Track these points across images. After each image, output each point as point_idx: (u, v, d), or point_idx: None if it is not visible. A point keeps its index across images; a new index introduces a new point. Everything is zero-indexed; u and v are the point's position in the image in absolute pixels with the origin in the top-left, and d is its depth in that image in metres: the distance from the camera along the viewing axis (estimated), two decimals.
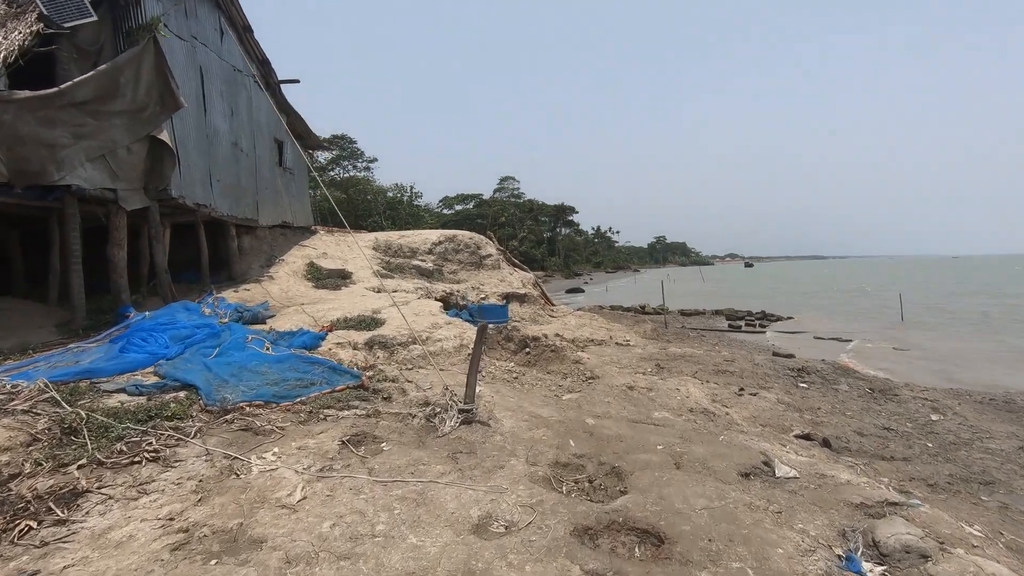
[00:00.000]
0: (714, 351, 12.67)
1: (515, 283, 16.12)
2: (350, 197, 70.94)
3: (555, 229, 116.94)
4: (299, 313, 8.97)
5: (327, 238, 15.51)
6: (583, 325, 15.34)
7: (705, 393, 7.86)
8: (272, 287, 11.14)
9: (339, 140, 69.88)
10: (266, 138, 13.19)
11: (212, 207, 10.32)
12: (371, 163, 75.13)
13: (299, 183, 15.56)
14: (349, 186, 70.66)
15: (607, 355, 11.06)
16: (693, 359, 11.20)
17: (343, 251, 14.59)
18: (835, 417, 7.82)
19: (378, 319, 8.59)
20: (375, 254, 14.85)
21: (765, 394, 8.46)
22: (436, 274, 15.16)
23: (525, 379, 7.14)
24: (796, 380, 10.19)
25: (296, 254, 13.29)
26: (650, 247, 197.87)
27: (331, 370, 5.87)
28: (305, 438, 4.53)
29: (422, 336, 7.80)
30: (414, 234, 16.55)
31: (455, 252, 16.16)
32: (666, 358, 11.24)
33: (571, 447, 4.89)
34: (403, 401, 5.53)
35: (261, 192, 12.70)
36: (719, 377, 9.74)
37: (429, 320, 8.64)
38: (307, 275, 12.30)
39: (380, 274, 13.49)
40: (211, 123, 10.43)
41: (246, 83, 12.16)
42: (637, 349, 12.21)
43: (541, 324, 14.82)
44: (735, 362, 11.19)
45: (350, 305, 9.56)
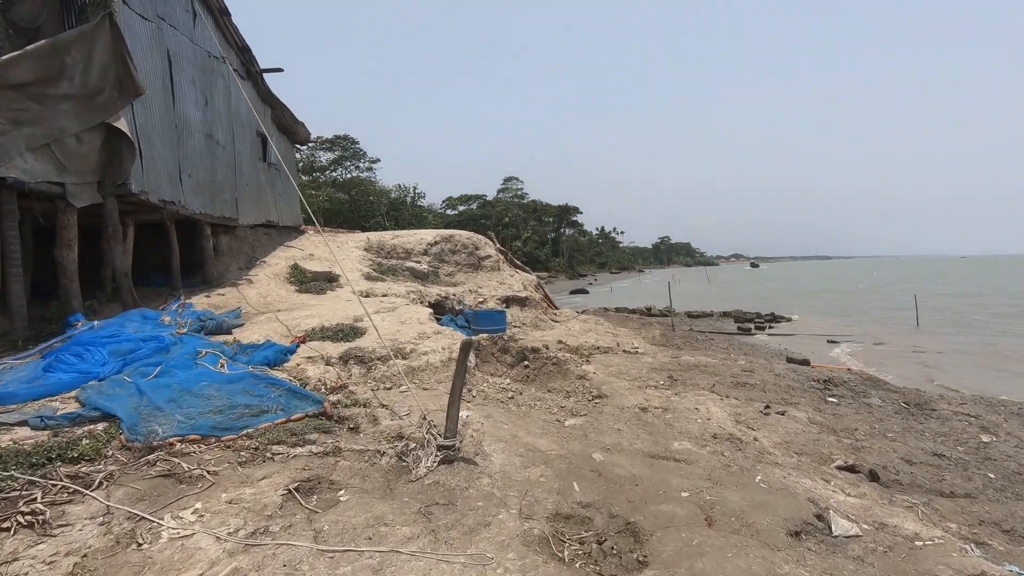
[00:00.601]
0: (730, 360, 11.71)
1: (515, 286, 15.18)
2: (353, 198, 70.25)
3: (559, 230, 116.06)
4: (272, 321, 8.07)
5: (315, 238, 14.62)
6: (588, 331, 14.39)
7: (727, 413, 6.91)
8: (250, 291, 10.24)
9: (341, 140, 69.15)
10: (247, 131, 12.30)
11: (182, 204, 9.42)
12: (373, 163, 74.43)
13: (286, 180, 14.67)
14: (352, 187, 69.94)
15: (615, 366, 10.11)
16: (709, 369, 10.24)
17: (332, 252, 13.68)
18: (876, 440, 6.86)
19: (359, 328, 7.67)
20: (366, 255, 13.95)
21: (793, 412, 7.51)
22: (431, 276, 14.25)
23: (522, 399, 6.21)
24: (824, 394, 9.22)
25: (280, 255, 12.39)
26: (654, 247, 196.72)
27: (290, 393, 4.95)
28: (242, 486, 3.61)
29: (405, 348, 6.88)
30: (409, 234, 15.64)
31: (452, 253, 15.25)
32: (679, 368, 10.28)
33: (575, 492, 3.96)
34: (373, 433, 4.60)
35: (241, 189, 11.81)
36: (739, 391, 8.78)
37: (416, 329, 7.71)
38: (290, 278, 11.40)
39: (370, 277, 12.59)
40: (181, 112, 9.55)
41: (224, 71, 11.27)
42: (647, 358, 11.25)
43: (543, 330, 13.88)
44: (754, 373, 10.23)
45: (332, 312, 8.65)
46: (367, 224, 61.18)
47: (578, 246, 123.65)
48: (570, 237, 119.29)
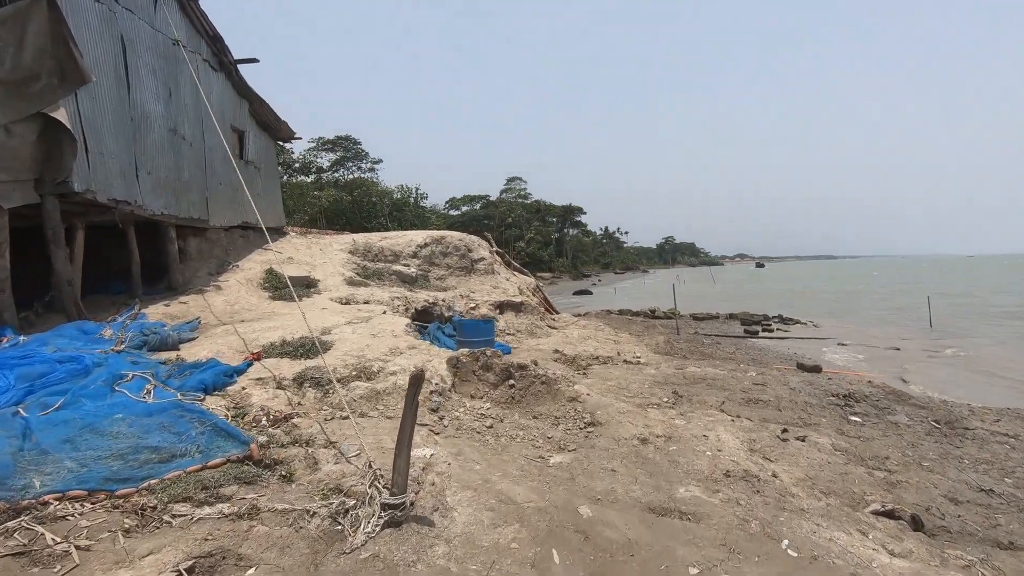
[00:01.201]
0: (739, 371, 10.80)
1: (510, 290, 14.32)
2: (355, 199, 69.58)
3: (562, 230, 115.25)
4: (230, 334, 7.23)
5: (298, 240, 13.79)
6: (587, 338, 13.52)
7: (740, 440, 6.04)
8: (216, 299, 9.42)
9: (343, 141, 68.49)
10: (220, 126, 11.45)
11: (138, 204, 8.61)
12: (376, 164, 73.77)
13: (267, 179, 13.86)
14: (354, 187, 69.28)
15: (614, 379, 9.24)
16: (717, 383, 9.35)
17: (314, 255, 12.87)
18: (913, 472, 5.97)
19: (325, 342, 6.83)
20: (351, 259, 13.11)
21: (815, 436, 6.63)
22: (420, 280, 13.40)
23: (503, 428, 5.35)
24: (845, 411, 8.32)
25: (256, 259, 11.57)
26: (659, 247, 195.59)
27: (214, 431, 4.10)
28: (116, 568, 2.76)
29: (372, 367, 6.03)
30: (398, 235, 14.80)
31: (443, 256, 14.40)
32: (684, 382, 9.41)
33: (554, 566, 3.10)
34: (308, 483, 3.75)
35: (213, 188, 11.00)
36: (752, 410, 7.89)
37: (388, 344, 6.86)
38: (263, 284, 10.58)
39: (353, 281, 11.76)
40: (138, 104, 8.74)
41: (192, 61, 10.46)
42: (649, 369, 10.38)
43: (539, 337, 13.02)
44: (767, 387, 9.33)
45: (299, 323, 7.81)
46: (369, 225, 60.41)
47: (582, 246, 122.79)
48: (574, 237, 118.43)
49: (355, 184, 69.61)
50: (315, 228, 34.84)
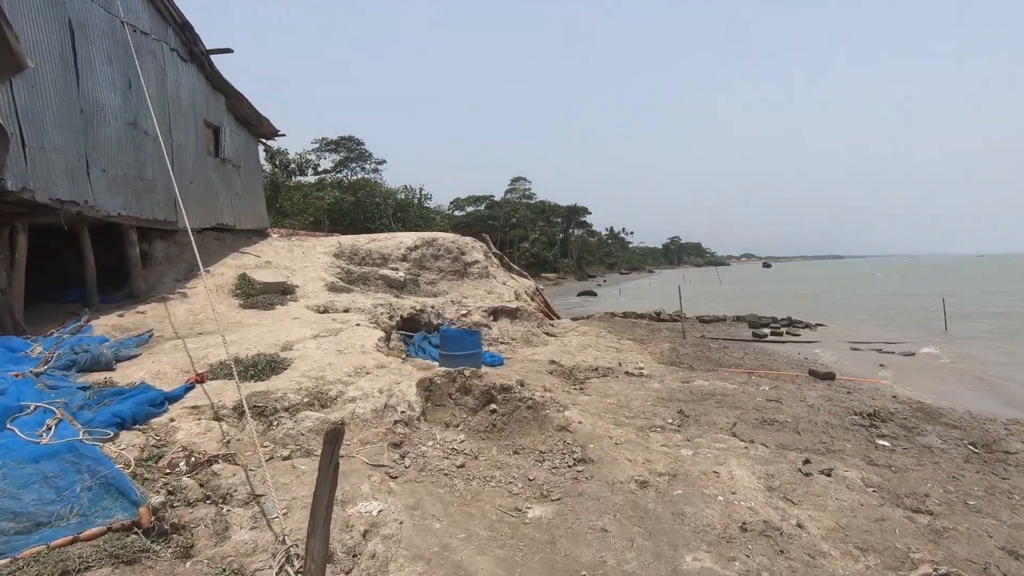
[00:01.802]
0: (751, 384, 9.93)
1: (506, 295, 13.49)
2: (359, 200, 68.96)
3: (567, 230, 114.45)
4: (179, 350, 6.43)
5: (279, 243, 13.01)
6: (587, 346, 12.68)
7: (757, 475, 5.19)
8: (179, 308, 8.63)
9: (346, 142, 67.90)
10: (191, 121, 10.70)
11: (89, 204, 7.83)
12: (379, 165, 73.20)
13: (247, 178, 13.08)
14: (358, 188, 68.66)
15: (613, 395, 8.40)
16: (727, 400, 8.49)
17: (295, 259, 12.07)
18: (959, 516, 5.10)
19: (282, 360, 6.02)
20: (335, 262, 12.31)
21: (841, 468, 5.77)
22: (409, 285, 12.59)
23: (476, 468, 4.52)
24: (871, 433, 7.44)
25: (230, 264, 10.78)
26: (665, 247, 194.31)
27: (104, 485, 3.29)
28: None
29: (330, 392, 5.21)
30: (387, 237, 13.99)
31: (434, 259, 13.57)
32: (691, 398, 8.55)
33: None
34: (208, 560, 2.93)
35: (182, 187, 10.19)
36: (767, 433, 7.04)
37: (354, 361, 6.04)
38: (235, 291, 9.79)
39: (334, 287, 10.96)
40: (89, 95, 7.95)
41: (157, 51, 9.68)
42: (653, 383, 9.52)
43: (535, 346, 12.19)
44: (783, 404, 8.47)
45: (260, 337, 7.00)
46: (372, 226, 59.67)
47: (587, 247, 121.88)
48: (579, 238, 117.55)
49: (359, 185, 69.06)
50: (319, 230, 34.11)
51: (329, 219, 61.06)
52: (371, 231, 37.14)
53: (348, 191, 69.09)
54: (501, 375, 7.91)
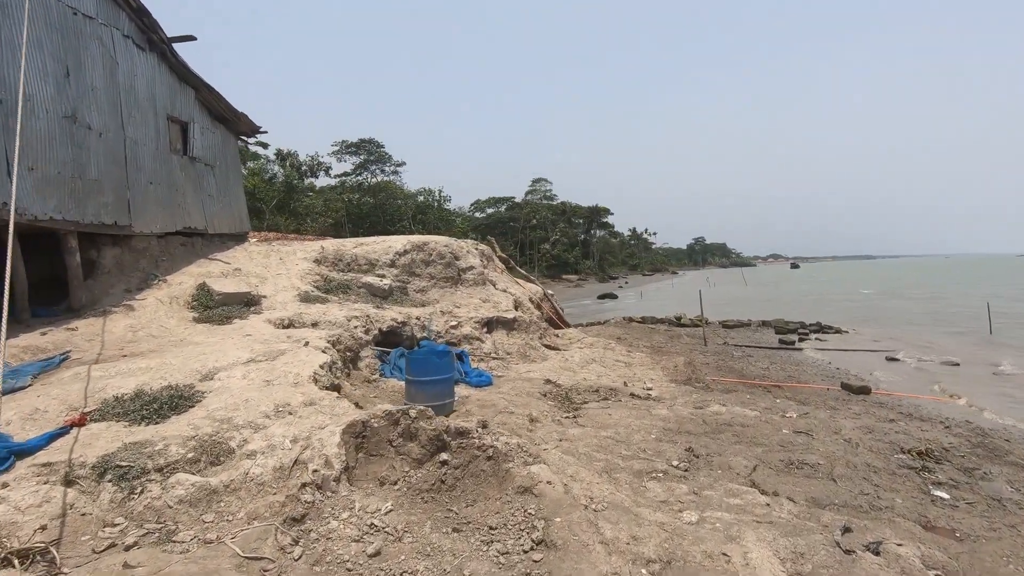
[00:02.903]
0: (775, 410, 8.58)
1: (503, 304, 12.31)
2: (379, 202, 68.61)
3: (589, 231, 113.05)
4: (79, 380, 5.39)
5: (256, 248, 12.02)
6: (591, 360, 11.43)
7: (782, 558, 3.93)
8: (118, 324, 7.65)
9: (366, 144, 67.61)
10: (150, 116, 9.76)
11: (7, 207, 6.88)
12: (399, 167, 72.83)
13: (223, 178, 12.13)
14: (378, 191, 68.32)
15: (611, 426, 7.14)
16: (747, 432, 7.18)
17: (269, 266, 11.07)
18: None
19: (193, 395, 4.94)
20: (314, 268, 11.28)
21: (892, 541, 4.46)
22: (396, 293, 11.49)
23: (395, 557, 3.34)
24: (924, 479, 6.08)
25: (192, 272, 9.80)
26: (689, 248, 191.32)
27: None
28: None
29: (230, 441, 4.10)
30: (375, 241, 12.91)
31: (425, 264, 12.46)
32: (704, 429, 7.26)
33: None
34: None
35: (138, 188, 9.27)
36: (795, 480, 5.74)
37: (280, 397, 4.93)
38: (191, 302, 8.79)
39: (308, 297, 9.91)
40: (10, 83, 7.01)
41: (106, 37, 8.74)
42: (661, 408, 8.24)
43: (532, 361, 10.99)
44: (814, 438, 7.12)
45: (183, 362, 5.94)
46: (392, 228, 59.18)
47: (609, 248, 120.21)
48: (601, 239, 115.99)
49: (379, 187, 68.71)
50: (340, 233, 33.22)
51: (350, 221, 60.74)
52: (389, 234, 36.33)
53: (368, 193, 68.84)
54: (485, 399, 6.75)
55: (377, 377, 8.26)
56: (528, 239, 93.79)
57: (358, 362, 8.14)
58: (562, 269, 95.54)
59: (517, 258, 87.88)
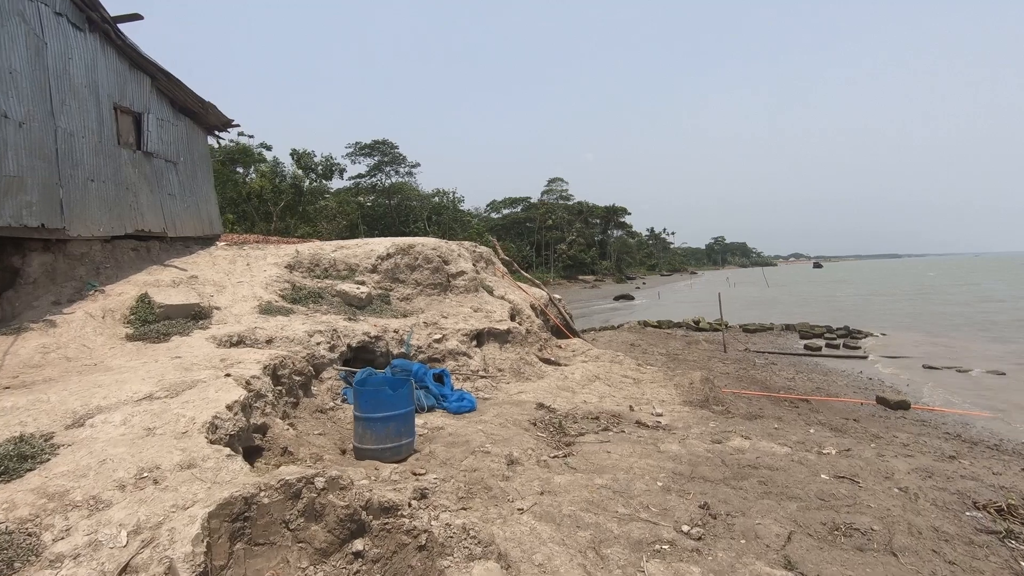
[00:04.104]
0: (809, 446, 7.15)
1: (497, 313, 11.03)
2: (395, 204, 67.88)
3: (606, 231, 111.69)
4: None
5: (223, 253, 10.88)
6: (595, 377, 10.10)
7: None
8: (29, 343, 6.52)
9: (380, 145, 66.98)
10: (91, 104, 8.66)
11: None
12: (413, 168, 72.16)
13: (189, 177, 11.03)
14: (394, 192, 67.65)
15: (608, 471, 5.81)
16: (776, 478, 5.80)
17: (233, 272, 9.92)
18: None
19: (41, 451, 3.75)
20: (284, 275, 10.10)
21: None
22: (376, 302, 10.28)
23: None
24: (1011, 552, 4.69)
25: (138, 281, 8.68)
26: (708, 248, 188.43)
27: None
28: None
29: (43, 536, 2.88)
30: (356, 244, 11.71)
31: (410, 269, 11.22)
32: (723, 475, 5.89)
33: None
34: None
35: (75, 186, 8.17)
36: (843, 556, 4.38)
37: (150, 456, 3.70)
38: (129, 317, 7.65)
39: (270, 308, 8.73)
40: None
41: (29, 14, 7.65)
42: (671, 443, 6.87)
43: (525, 379, 9.70)
44: (860, 486, 5.72)
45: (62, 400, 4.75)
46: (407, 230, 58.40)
47: (626, 248, 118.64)
48: (618, 239, 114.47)
49: (394, 189, 68.05)
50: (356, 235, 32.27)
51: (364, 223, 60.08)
52: (405, 235, 35.31)
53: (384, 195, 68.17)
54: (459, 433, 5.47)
55: (336, 404, 7.04)
56: (544, 239, 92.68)
57: (310, 388, 6.92)
58: (579, 269, 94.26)
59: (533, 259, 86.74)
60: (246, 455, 4.70)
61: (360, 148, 66.08)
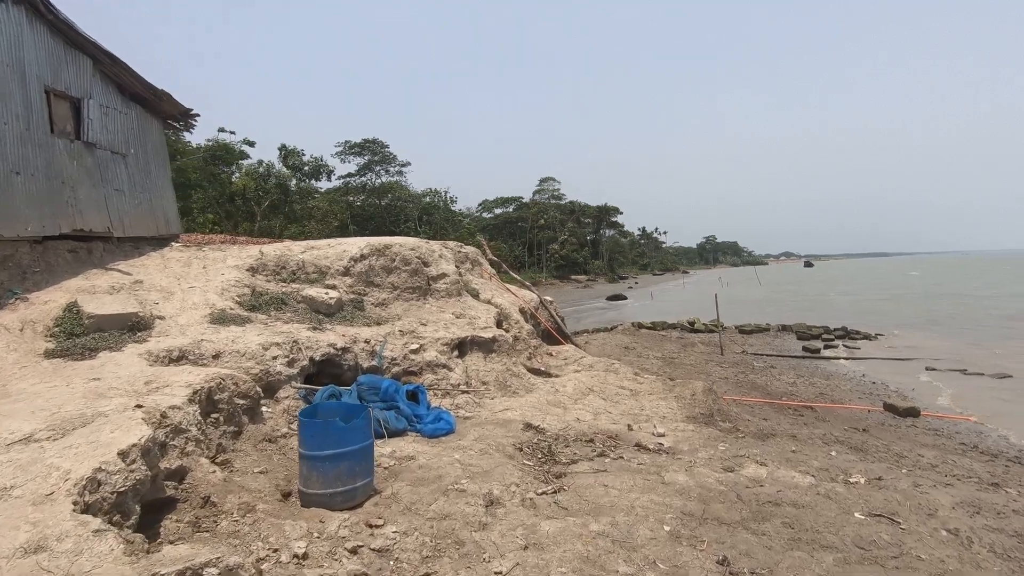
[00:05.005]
0: (834, 473, 6.23)
1: (482, 319, 10.09)
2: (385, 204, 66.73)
3: (598, 231, 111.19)
4: None
5: (177, 255, 9.85)
6: (589, 390, 9.17)
7: None
8: None
9: (370, 144, 65.83)
10: (14, 87, 7.59)
11: None
12: (403, 167, 71.07)
13: (140, 171, 10.00)
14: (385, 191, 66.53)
15: (605, 513, 4.87)
16: (803, 519, 4.89)
17: (186, 276, 8.91)
18: None
19: None
20: (244, 279, 9.10)
21: None
22: (348, 308, 9.31)
23: None
24: None
25: (71, 287, 7.65)
26: (700, 247, 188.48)
27: None
28: None
29: None
30: (328, 245, 10.71)
31: (386, 272, 10.25)
32: (740, 516, 4.97)
33: None
34: None
35: None
36: None
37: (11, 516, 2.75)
38: (52, 329, 6.64)
39: (224, 317, 7.74)
40: None
41: None
42: (676, 472, 5.94)
43: (513, 393, 8.76)
44: (904, 529, 4.82)
45: None
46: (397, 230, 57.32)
47: (619, 247, 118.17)
48: (610, 238, 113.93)
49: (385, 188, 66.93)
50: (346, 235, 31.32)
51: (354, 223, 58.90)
52: (396, 235, 34.32)
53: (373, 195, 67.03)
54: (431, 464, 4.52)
55: (291, 430, 6.07)
56: (537, 239, 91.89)
57: (259, 412, 5.94)
58: (571, 269, 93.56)
59: (525, 259, 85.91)
60: (152, 511, 3.74)
61: (350, 147, 64.93)
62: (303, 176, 51.40)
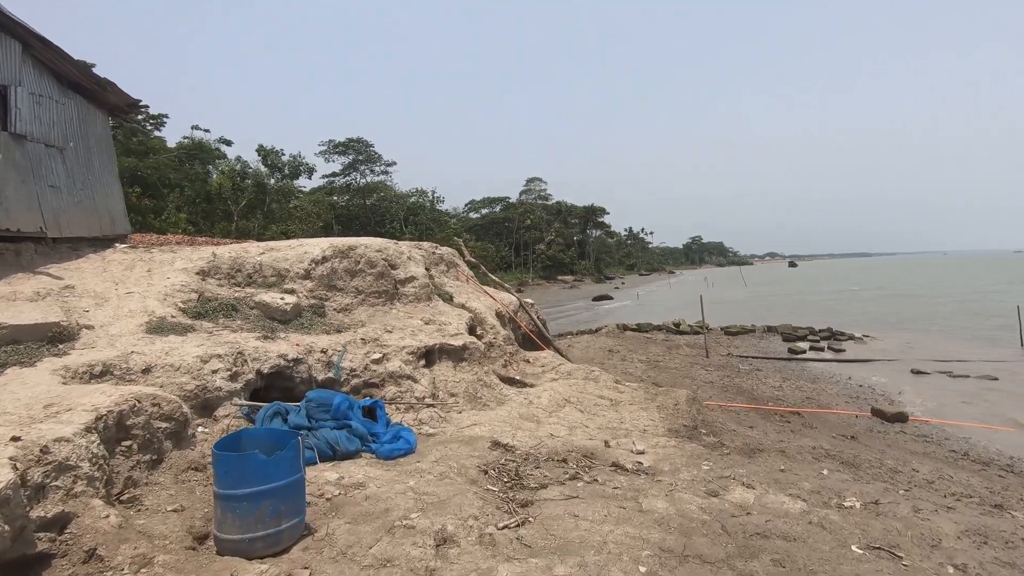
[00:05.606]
0: (828, 497, 5.68)
1: (452, 326, 9.46)
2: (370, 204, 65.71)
3: (585, 231, 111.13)
4: None
5: (120, 257, 9.11)
6: (565, 401, 8.58)
7: None
8: None
9: (355, 144, 64.84)
10: None
11: None
12: (389, 167, 70.17)
13: (81, 166, 9.24)
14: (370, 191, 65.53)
15: (574, 554, 4.24)
16: (795, 557, 4.33)
17: (127, 280, 8.19)
18: None
19: None
20: (192, 283, 8.39)
21: None
22: (308, 314, 8.63)
23: None
24: None
25: None
26: (686, 247, 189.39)
27: None
28: None
29: None
30: (288, 247, 10.00)
31: (350, 275, 9.58)
32: (725, 553, 4.38)
33: None
34: None
35: None
36: None
37: None
38: None
39: (163, 326, 7.04)
40: None
41: None
42: (656, 499, 5.35)
43: (484, 405, 8.15)
44: (906, 563, 4.28)
45: None
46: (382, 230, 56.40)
47: (605, 248, 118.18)
48: (597, 239, 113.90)
49: (370, 188, 65.94)
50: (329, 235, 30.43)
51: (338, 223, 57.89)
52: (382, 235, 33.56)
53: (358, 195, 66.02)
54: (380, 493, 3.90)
55: None
56: (523, 239, 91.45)
57: (186, 436, 5.27)
58: (558, 270, 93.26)
59: (512, 259, 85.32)
60: (20, 570, 3.08)
61: (334, 146, 63.94)
62: (283, 175, 50.39)
